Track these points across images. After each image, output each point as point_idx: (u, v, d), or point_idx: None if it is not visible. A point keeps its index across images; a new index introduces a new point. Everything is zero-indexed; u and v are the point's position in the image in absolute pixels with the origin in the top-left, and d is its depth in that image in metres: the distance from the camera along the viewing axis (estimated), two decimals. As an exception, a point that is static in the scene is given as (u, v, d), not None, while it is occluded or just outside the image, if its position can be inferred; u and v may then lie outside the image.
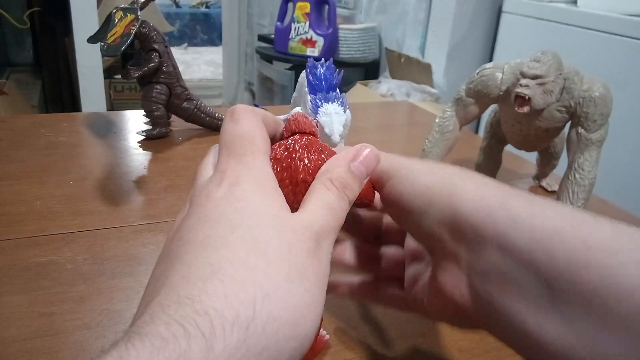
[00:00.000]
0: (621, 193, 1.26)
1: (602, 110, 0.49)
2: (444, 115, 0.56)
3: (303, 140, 0.27)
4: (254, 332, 0.19)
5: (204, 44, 4.61)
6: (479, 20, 1.77)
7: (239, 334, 0.18)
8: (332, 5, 2.06)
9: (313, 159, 0.27)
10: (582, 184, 0.50)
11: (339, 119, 0.47)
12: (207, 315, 0.18)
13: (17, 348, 0.33)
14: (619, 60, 1.30)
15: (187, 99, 0.72)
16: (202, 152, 0.68)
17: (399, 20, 2.02)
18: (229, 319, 0.18)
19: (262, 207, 0.22)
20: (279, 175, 0.26)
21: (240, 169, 0.24)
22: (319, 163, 0.27)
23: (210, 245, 0.21)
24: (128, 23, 0.65)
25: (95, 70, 1.91)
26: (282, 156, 0.27)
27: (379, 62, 2.18)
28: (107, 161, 0.64)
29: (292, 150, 0.27)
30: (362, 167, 0.26)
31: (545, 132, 0.53)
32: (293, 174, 0.26)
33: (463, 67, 1.80)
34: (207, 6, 4.58)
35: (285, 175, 0.27)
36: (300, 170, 0.26)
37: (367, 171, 0.26)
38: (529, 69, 0.48)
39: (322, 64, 0.50)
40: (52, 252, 0.44)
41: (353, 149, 0.27)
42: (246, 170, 0.24)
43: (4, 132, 0.70)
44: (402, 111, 1.05)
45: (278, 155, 0.27)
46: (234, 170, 0.24)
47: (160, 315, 0.18)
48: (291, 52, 2.12)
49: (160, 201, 0.55)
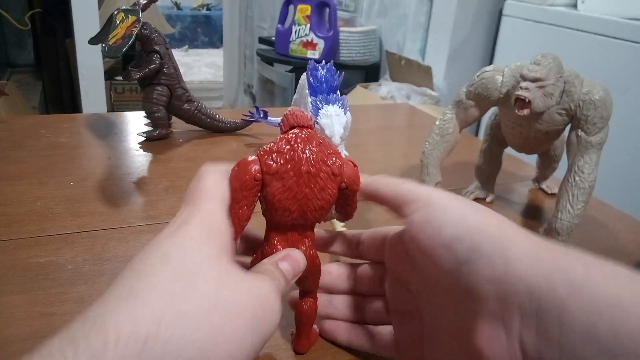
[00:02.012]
0: (621, 196, 1.26)
1: (602, 113, 0.49)
2: (444, 118, 0.56)
3: (303, 134, 0.28)
4: (152, 347, 0.19)
5: (205, 46, 4.62)
6: (479, 24, 1.77)
7: (134, 347, 0.19)
8: (333, 8, 2.06)
9: (315, 151, 0.28)
10: (582, 186, 0.50)
11: (339, 120, 0.47)
12: (104, 330, 0.19)
13: (17, 348, 0.33)
14: (619, 63, 1.30)
15: (187, 101, 0.72)
16: (202, 154, 0.69)
17: (399, 23, 2.03)
18: (125, 333, 0.19)
19: (201, 245, 0.23)
20: (282, 167, 0.27)
21: (191, 211, 0.25)
22: (320, 155, 0.28)
23: (141, 271, 0.22)
24: (129, 25, 0.65)
25: (96, 71, 1.91)
26: (284, 149, 0.28)
27: (379, 65, 2.18)
28: (107, 162, 0.64)
29: (294, 143, 0.28)
30: (289, 268, 0.28)
31: (545, 135, 0.53)
32: (296, 166, 0.27)
33: (463, 70, 1.80)
34: (208, 8, 4.59)
35: (288, 168, 0.27)
36: (303, 162, 0.27)
37: (294, 272, 0.28)
38: (529, 71, 0.48)
39: (323, 67, 0.50)
40: (53, 253, 0.44)
41: (280, 252, 0.29)
42: (196, 211, 0.25)
43: (5, 132, 0.70)
44: (402, 113, 1.05)
45: (280, 148, 0.28)
46: (186, 212, 0.25)
47: (60, 335, 0.19)
48: (292, 54, 2.13)
49: (161, 202, 0.55)
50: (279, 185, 0.27)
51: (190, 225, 0.24)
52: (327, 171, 0.28)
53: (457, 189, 0.65)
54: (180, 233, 0.24)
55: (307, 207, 0.28)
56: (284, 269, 0.27)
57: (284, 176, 0.27)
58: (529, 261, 0.22)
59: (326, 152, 0.28)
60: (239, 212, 0.27)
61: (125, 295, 0.21)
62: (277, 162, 0.27)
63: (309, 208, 0.28)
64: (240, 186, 0.27)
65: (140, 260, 0.23)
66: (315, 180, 0.28)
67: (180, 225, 0.24)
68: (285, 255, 0.28)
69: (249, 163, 0.27)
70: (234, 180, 0.28)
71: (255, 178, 0.27)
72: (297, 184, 0.27)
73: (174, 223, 0.25)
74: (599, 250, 0.54)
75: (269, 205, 0.28)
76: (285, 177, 0.27)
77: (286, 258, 0.28)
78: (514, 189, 0.68)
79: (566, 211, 0.50)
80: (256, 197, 0.28)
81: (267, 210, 0.29)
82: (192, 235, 0.24)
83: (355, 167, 0.30)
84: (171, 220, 0.25)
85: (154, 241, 0.24)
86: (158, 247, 0.23)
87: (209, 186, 0.27)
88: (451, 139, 0.56)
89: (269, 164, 0.27)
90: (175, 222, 0.25)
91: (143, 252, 0.23)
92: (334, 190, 0.29)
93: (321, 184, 0.28)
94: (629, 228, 0.60)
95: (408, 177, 0.69)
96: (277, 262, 0.28)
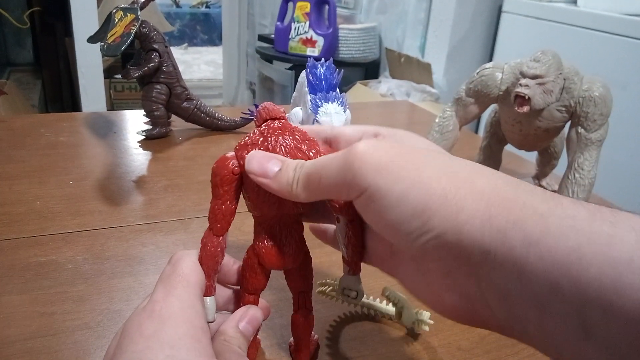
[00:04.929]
0: (621, 192, 1.26)
1: (602, 110, 0.49)
2: (443, 115, 0.56)
3: (276, 124, 0.29)
4: None
5: (204, 44, 4.61)
6: (479, 20, 1.77)
7: None
8: (332, 5, 2.06)
9: (288, 139, 0.29)
10: (582, 183, 0.50)
11: (339, 118, 0.47)
12: None
13: (18, 348, 0.33)
14: (619, 60, 1.30)
15: (187, 99, 0.72)
16: (202, 152, 0.69)
17: (399, 20, 2.02)
18: None
19: (190, 355, 0.24)
20: None
21: (171, 302, 0.26)
22: (294, 142, 0.29)
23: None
24: (128, 23, 0.65)
25: (95, 70, 1.91)
26: (257, 141, 0.28)
27: (379, 62, 2.18)
28: (107, 161, 0.64)
29: (267, 134, 0.29)
30: (249, 327, 0.29)
31: (545, 132, 0.53)
32: None
33: (463, 67, 1.80)
34: (207, 6, 4.58)
35: None
36: (277, 151, 0.28)
37: (253, 329, 0.30)
38: (528, 68, 0.48)
39: (322, 64, 0.50)
40: (52, 252, 0.44)
41: (240, 311, 0.30)
42: (178, 303, 0.26)
43: (4, 132, 0.70)
44: (402, 111, 1.05)
45: (254, 140, 0.28)
46: (165, 303, 0.25)
47: None
48: (291, 52, 2.12)
49: (160, 201, 0.55)
50: None
51: (176, 328, 0.25)
52: (302, 158, 0.28)
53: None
54: (167, 338, 0.24)
55: None
56: (243, 329, 0.29)
57: None
58: (480, 223, 0.22)
59: (300, 140, 0.29)
60: (222, 208, 0.28)
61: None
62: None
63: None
64: (220, 182, 0.28)
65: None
66: None
67: (164, 324, 0.25)
68: (242, 314, 0.30)
69: (226, 159, 0.28)
70: (214, 176, 0.28)
71: (233, 172, 0.28)
72: None
73: (150, 309, 0.25)
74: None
75: (250, 198, 0.29)
76: None
77: (244, 317, 0.30)
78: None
79: (566, 208, 0.50)
80: (238, 192, 0.29)
81: (250, 203, 0.29)
82: (179, 344, 0.24)
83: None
84: (147, 301, 0.26)
85: (140, 339, 0.24)
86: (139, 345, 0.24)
87: (185, 271, 0.27)
88: (451, 136, 0.56)
89: (244, 157, 0.28)
90: (153, 310, 0.25)
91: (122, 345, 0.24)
92: None
93: None
94: (629, 225, 0.60)
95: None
96: (237, 324, 0.29)
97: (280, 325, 0.37)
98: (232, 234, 0.30)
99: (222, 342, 0.28)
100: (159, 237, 0.48)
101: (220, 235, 0.29)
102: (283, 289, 0.40)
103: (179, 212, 0.53)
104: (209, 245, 0.29)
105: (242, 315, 0.30)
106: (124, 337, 0.25)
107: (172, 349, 0.24)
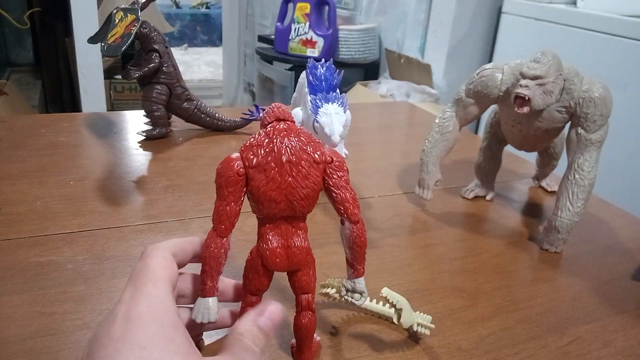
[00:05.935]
0: (621, 193, 1.26)
1: (601, 110, 0.49)
2: (443, 116, 0.56)
3: (281, 126, 0.29)
4: None
5: (204, 44, 4.61)
6: (478, 21, 1.77)
7: None
8: (332, 6, 2.06)
9: (294, 141, 0.29)
10: (582, 184, 0.50)
11: (339, 119, 0.47)
12: None
13: (18, 348, 0.33)
14: (619, 61, 1.30)
15: (187, 100, 0.72)
16: (202, 152, 0.69)
17: (398, 21, 2.02)
18: None
19: (164, 355, 0.24)
20: (263, 159, 0.28)
21: (139, 302, 0.25)
22: (299, 144, 0.29)
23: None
24: (128, 23, 0.65)
25: (96, 70, 1.91)
26: (263, 142, 0.28)
27: (378, 63, 2.18)
28: (107, 161, 0.64)
29: (272, 136, 0.29)
30: (268, 322, 0.28)
31: (545, 133, 0.53)
32: (277, 157, 0.28)
33: (463, 68, 1.80)
34: (207, 7, 4.58)
35: (269, 159, 0.28)
36: (283, 152, 0.28)
37: (273, 324, 0.29)
38: (528, 69, 0.48)
39: (322, 65, 0.50)
40: (53, 252, 0.44)
41: (258, 307, 0.29)
42: (146, 302, 0.25)
43: (5, 132, 0.70)
44: (401, 112, 1.05)
45: (260, 141, 0.28)
46: (133, 303, 0.25)
47: None
48: (291, 52, 2.12)
49: (161, 201, 0.55)
50: (262, 178, 0.28)
51: (147, 327, 0.24)
52: (308, 159, 0.29)
53: (457, 187, 0.65)
54: (139, 339, 0.24)
55: (293, 196, 0.29)
56: (262, 325, 0.28)
57: (266, 168, 0.28)
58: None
59: (306, 142, 0.29)
60: (226, 209, 0.28)
61: None
62: (258, 155, 0.28)
63: (294, 197, 0.29)
64: (225, 183, 0.28)
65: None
66: (298, 169, 0.28)
67: (134, 323, 0.24)
68: (261, 310, 0.29)
69: (232, 160, 0.28)
70: (219, 177, 0.28)
71: (238, 173, 0.28)
72: (280, 174, 0.28)
73: (120, 310, 0.25)
74: (598, 248, 0.54)
75: (255, 199, 0.29)
76: (267, 169, 0.28)
77: (263, 313, 0.29)
78: (513, 186, 0.68)
79: (566, 209, 0.50)
80: (242, 193, 0.29)
81: (255, 205, 0.29)
82: (151, 344, 0.24)
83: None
84: (117, 303, 0.25)
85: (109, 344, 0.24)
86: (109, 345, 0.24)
87: (154, 267, 0.27)
88: (451, 137, 0.56)
89: (250, 158, 0.28)
90: (119, 311, 0.25)
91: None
92: (317, 178, 0.29)
93: (304, 172, 0.29)
94: (629, 226, 0.60)
95: (408, 176, 0.69)
96: (255, 319, 0.28)
97: (282, 326, 0.37)
98: (232, 234, 0.30)
99: (234, 337, 0.27)
100: (159, 238, 0.48)
101: (224, 236, 0.29)
102: (284, 289, 0.40)
103: (179, 212, 0.53)
104: (212, 247, 0.29)
105: (261, 310, 0.29)
106: (94, 343, 0.24)
107: (143, 350, 0.23)
